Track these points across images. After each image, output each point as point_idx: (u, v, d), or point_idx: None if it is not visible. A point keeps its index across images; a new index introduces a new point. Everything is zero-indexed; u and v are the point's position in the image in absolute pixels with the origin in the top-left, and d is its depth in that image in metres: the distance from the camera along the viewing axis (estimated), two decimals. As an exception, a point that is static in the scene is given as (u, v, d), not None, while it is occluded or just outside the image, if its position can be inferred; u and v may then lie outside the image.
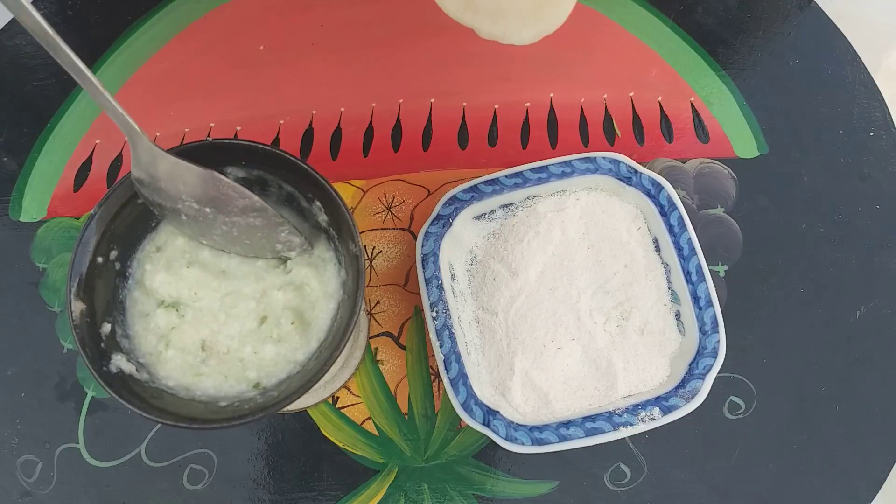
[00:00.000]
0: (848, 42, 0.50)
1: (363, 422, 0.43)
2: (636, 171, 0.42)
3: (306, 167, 0.32)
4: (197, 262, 0.34)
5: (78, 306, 0.31)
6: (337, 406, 0.43)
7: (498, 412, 0.38)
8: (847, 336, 0.44)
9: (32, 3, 0.51)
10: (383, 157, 0.48)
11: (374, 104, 0.49)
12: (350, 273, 0.32)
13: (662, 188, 0.42)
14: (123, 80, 0.50)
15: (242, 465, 0.42)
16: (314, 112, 0.49)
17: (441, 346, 0.39)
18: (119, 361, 0.31)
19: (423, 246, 0.41)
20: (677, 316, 0.41)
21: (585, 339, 0.40)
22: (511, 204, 0.43)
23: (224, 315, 0.33)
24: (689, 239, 0.41)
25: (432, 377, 0.43)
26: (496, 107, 0.49)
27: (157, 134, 0.48)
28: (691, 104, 0.49)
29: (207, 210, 0.32)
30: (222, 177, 0.31)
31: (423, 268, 0.41)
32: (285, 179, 0.34)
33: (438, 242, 0.41)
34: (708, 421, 0.42)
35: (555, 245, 0.41)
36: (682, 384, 0.39)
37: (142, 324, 0.33)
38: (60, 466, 0.42)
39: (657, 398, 0.39)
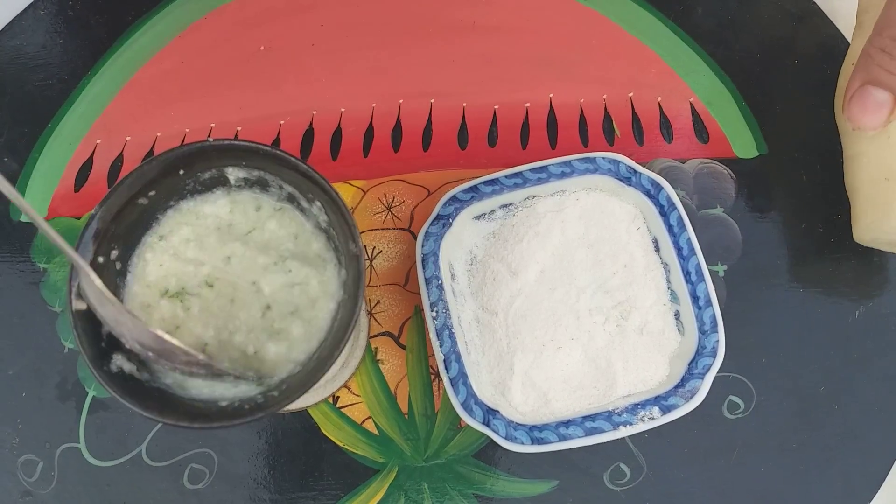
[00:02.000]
0: (848, 42, 0.50)
1: (363, 421, 0.43)
2: (636, 172, 0.42)
3: (307, 167, 0.32)
4: (204, 250, 0.34)
5: (79, 306, 0.31)
6: (337, 405, 0.43)
7: (498, 412, 0.38)
8: (846, 336, 0.44)
9: (33, 3, 0.52)
10: (383, 158, 0.48)
11: (374, 104, 0.49)
12: (350, 273, 0.32)
13: (662, 188, 0.42)
14: (124, 81, 0.50)
15: (243, 464, 0.42)
16: (314, 112, 0.49)
17: (441, 346, 0.40)
18: (119, 361, 0.31)
19: (423, 246, 0.42)
20: (677, 316, 0.41)
21: (585, 339, 0.40)
22: (511, 204, 0.43)
23: (229, 303, 0.33)
24: (689, 239, 0.41)
25: (432, 377, 0.43)
26: (496, 107, 0.49)
27: (158, 134, 0.49)
28: (691, 104, 0.49)
29: (150, 354, 0.31)
30: (166, 337, 0.30)
31: (423, 268, 0.41)
32: (286, 180, 0.34)
33: (438, 242, 0.41)
34: (707, 420, 0.42)
35: (554, 245, 0.41)
36: (682, 384, 0.39)
37: (144, 318, 0.33)
38: (61, 466, 0.42)
39: (656, 398, 0.39)
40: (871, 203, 0.41)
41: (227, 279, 0.34)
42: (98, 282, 0.29)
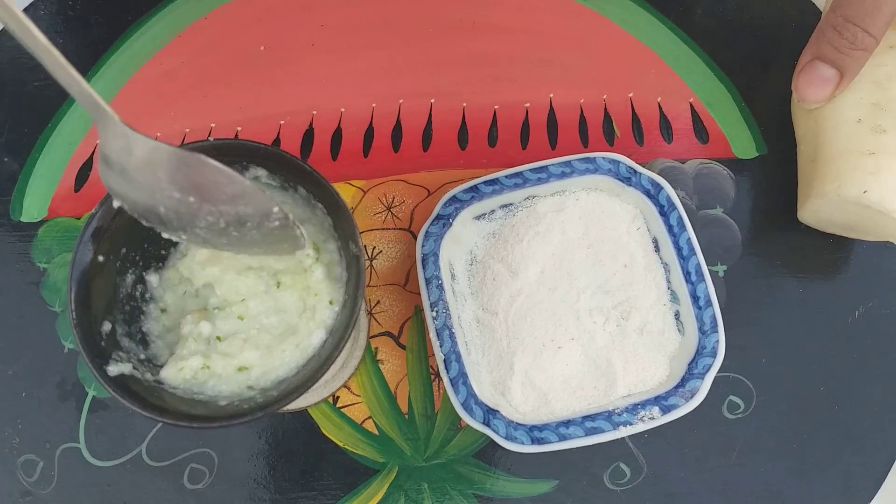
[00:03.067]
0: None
1: (363, 421, 0.43)
2: (636, 172, 0.42)
3: (307, 167, 0.32)
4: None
5: (78, 306, 0.31)
6: (337, 405, 0.43)
7: (498, 411, 0.39)
8: (846, 336, 0.44)
9: (33, 3, 0.52)
10: (383, 158, 0.48)
11: (374, 104, 0.49)
12: (350, 273, 0.32)
13: (662, 188, 0.42)
14: (124, 81, 0.50)
15: (243, 464, 0.42)
16: (314, 112, 0.49)
17: (441, 346, 0.40)
18: (119, 361, 0.31)
19: (423, 246, 0.42)
20: (677, 316, 0.41)
21: (585, 339, 0.40)
22: (511, 204, 0.43)
23: (244, 304, 0.34)
24: (689, 239, 0.41)
25: (432, 377, 0.43)
26: (496, 107, 0.49)
27: (158, 134, 0.49)
28: (690, 105, 0.49)
29: (191, 199, 0.28)
30: (209, 160, 0.27)
31: (423, 268, 0.41)
32: (286, 179, 0.34)
33: (438, 242, 0.41)
34: (707, 420, 0.42)
35: (554, 245, 0.41)
36: (682, 384, 0.39)
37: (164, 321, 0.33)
38: (61, 466, 0.42)
39: (657, 398, 0.39)
40: (802, 183, 0.44)
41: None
42: (108, 108, 0.27)
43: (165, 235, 0.31)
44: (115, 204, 0.30)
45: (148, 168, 0.28)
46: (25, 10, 0.51)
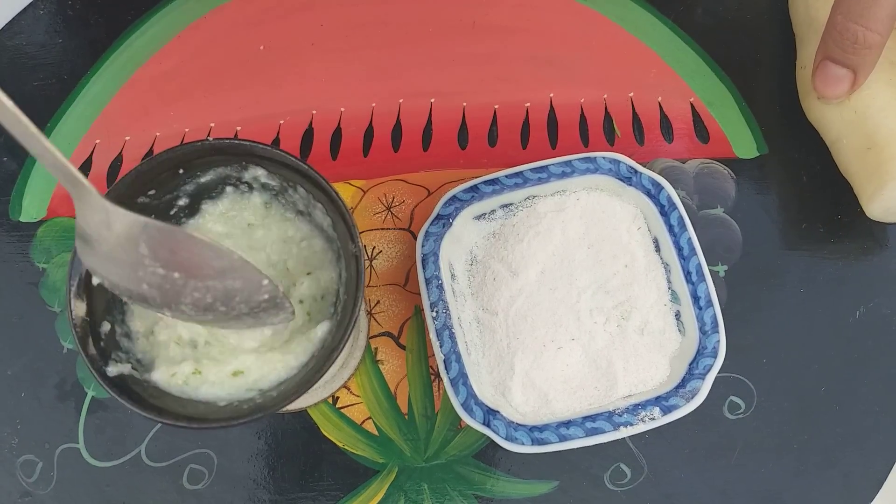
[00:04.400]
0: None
1: (363, 422, 0.43)
2: (636, 171, 0.42)
3: (307, 167, 0.32)
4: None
5: (78, 306, 0.31)
6: (337, 406, 0.43)
7: (498, 412, 0.38)
8: (847, 336, 0.44)
9: (32, 3, 0.51)
10: (383, 157, 0.48)
11: (374, 104, 0.49)
12: (350, 273, 0.32)
13: (662, 188, 0.42)
14: (123, 81, 0.50)
15: (242, 464, 0.42)
16: (314, 112, 0.49)
17: (441, 346, 0.39)
18: (119, 361, 0.31)
19: (423, 246, 0.41)
20: (677, 316, 0.41)
21: (585, 339, 0.40)
22: (511, 204, 0.43)
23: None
24: (689, 239, 0.41)
25: (432, 377, 0.43)
26: (496, 107, 0.49)
27: (157, 134, 0.48)
28: (691, 104, 0.49)
29: (176, 275, 0.27)
30: (194, 234, 0.26)
31: (423, 268, 0.41)
32: (285, 179, 0.34)
33: (438, 242, 0.41)
34: (708, 421, 0.42)
35: (555, 245, 0.41)
36: (682, 384, 0.39)
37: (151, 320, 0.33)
38: (60, 466, 0.42)
39: (657, 398, 0.39)
40: (865, 176, 0.42)
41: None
42: (83, 180, 0.25)
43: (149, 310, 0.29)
44: (95, 281, 0.29)
45: (129, 243, 0.26)
46: (25, 10, 0.51)
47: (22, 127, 0.24)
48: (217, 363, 0.32)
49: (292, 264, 0.35)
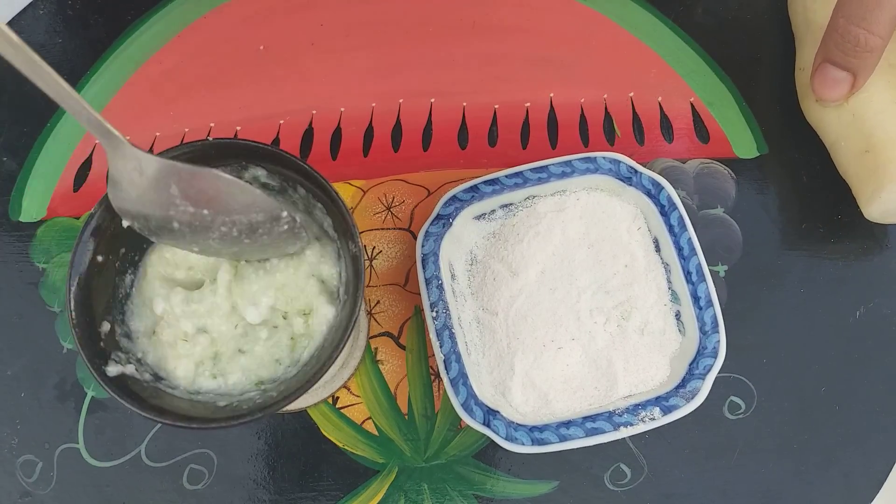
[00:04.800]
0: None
1: (363, 422, 0.43)
2: (636, 171, 0.42)
3: (307, 167, 0.32)
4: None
5: (77, 306, 0.31)
6: (337, 406, 0.43)
7: (498, 412, 0.38)
8: (847, 336, 0.44)
9: (32, 3, 0.51)
10: (383, 157, 0.48)
11: (374, 104, 0.49)
12: (350, 273, 0.32)
13: (662, 188, 0.42)
14: (123, 80, 0.50)
15: (242, 465, 0.42)
16: (314, 112, 0.49)
17: (441, 346, 0.39)
18: (118, 361, 0.31)
19: (423, 246, 0.41)
20: (677, 316, 0.41)
21: (585, 339, 0.40)
22: (511, 204, 0.43)
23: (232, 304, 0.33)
24: (689, 239, 0.41)
25: (432, 377, 0.43)
26: (496, 107, 0.49)
27: (157, 134, 0.48)
28: (691, 104, 0.49)
29: (205, 212, 0.29)
30: (222, 174, 0.29)
31: (423, 268, 0.41)
32: (285, 179, 0.34)
33: (438, 242, 0.41)
34: (708, 421, 0.42)
35: (555, 245, 0.41)
36: (683, 384, 0.39)
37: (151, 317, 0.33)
38: (60, 466, 0.42)
39: (657, 398, 0.39)
40: (862, 178, 0.42)
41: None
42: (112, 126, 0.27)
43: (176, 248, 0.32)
44: (125, 224, 0.31)
45: (161, 185, 0.29)
46: (25, 10, 0.51)
47: (58, 87, 0.25)
48: (230, 350, 0.33)
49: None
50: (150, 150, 0.47)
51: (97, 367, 0.30)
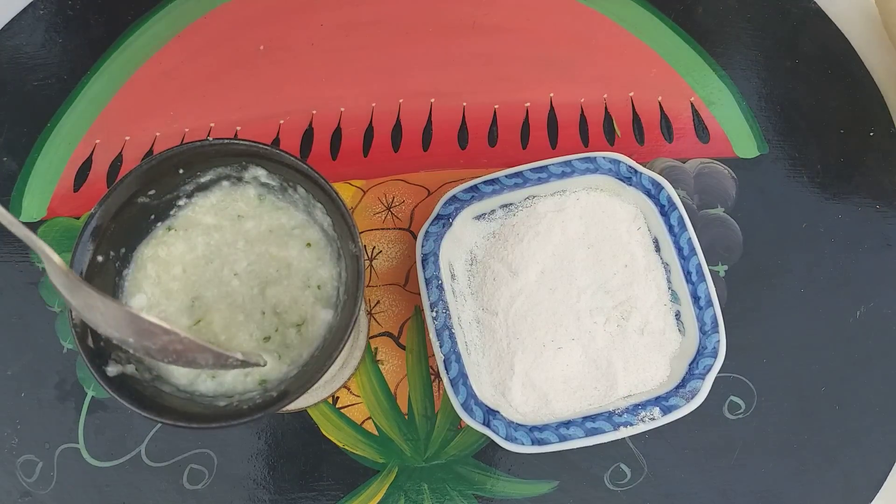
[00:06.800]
0: (848, 42, 0.50)
1: (363, 422, 0.43)
2: (636, 171, 0.42)
3: (306, 167, 0.32)
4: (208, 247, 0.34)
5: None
6: (337, 406, 0.43)
7: (498, 412, 0.38)
8: (847, 336, 0.44)
9: (32, 3, 0.51)
10: (383, 157, 0.48)
11: (374, 104, 0.49)
12: (350, 273, 0.32)
13: (662, 188, 0.42)
14: (123, 80, 0.50)
15: (242, 464, 0.42)
16: (314, 112, 0.49)
17: (441, 346, 0.39)
18: (118, 361, 0.31)
19: (423, 246, 0.41)
20: (677, 316, 0.41)
21: (585, 339, 0.40)
22: (511, 204, 0.43)
23: (231, 301, 0.33)
24: (689, 239, 0.41)
25: (432, 377, 0.43)
26: (496, 107, 0.49)
27: (157, 134, 0.48)
28: (691, 104, 0.49)
29: (130, 340, 0.28)
30: (142, 315, 0.28)
31: (423, 268, 0.41)
32: (285, 179, 0.34)
33: (438, 242, 0.41)
34: (708, 421, 0.42)
35: (555, 245, 0.41)
36: (683, 384, 0.39)
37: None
38: (60, 466, 0.42)
39: (657, 398, 0.39)
40: None
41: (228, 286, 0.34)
42: (57, 259, 0.27)
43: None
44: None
45: (87, 309, 0.28)
46: (25, 10, 0.51)
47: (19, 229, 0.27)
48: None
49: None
50: (150, 151, 0.48)
51: (97, 367, 0.30)
